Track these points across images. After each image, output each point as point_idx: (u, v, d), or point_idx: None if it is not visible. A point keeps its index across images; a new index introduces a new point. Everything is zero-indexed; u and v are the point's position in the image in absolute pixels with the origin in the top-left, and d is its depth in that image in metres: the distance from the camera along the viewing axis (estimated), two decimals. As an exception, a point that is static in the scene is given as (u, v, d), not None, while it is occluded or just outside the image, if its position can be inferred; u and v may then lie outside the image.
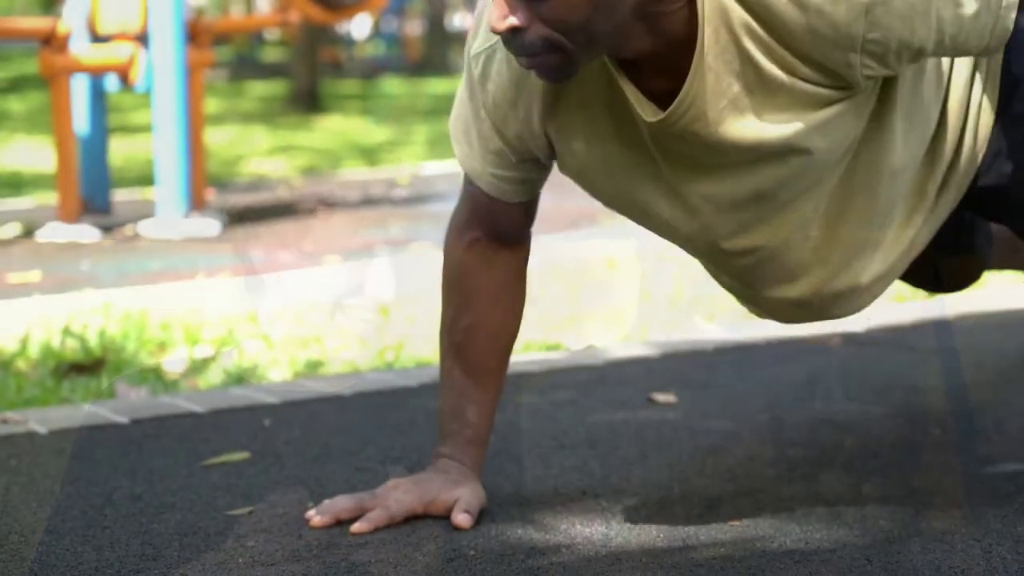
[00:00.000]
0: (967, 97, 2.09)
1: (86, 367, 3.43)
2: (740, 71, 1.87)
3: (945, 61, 2.06)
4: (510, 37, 1.83)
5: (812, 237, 2.07)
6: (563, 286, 4.51)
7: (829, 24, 1.82)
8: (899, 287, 4.21)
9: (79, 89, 6.35)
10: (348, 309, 4.18)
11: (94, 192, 6.50)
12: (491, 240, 2.19)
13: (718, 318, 3.97)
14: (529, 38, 1.83)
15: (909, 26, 1.84)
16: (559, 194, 2.21)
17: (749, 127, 1.90)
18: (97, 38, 6.42)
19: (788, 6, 1.82)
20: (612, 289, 4.48)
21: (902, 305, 3.99)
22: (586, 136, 2.01)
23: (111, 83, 6.46)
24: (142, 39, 6.33)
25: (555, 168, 2.15)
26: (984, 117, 2.10)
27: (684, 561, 1.97)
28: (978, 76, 2.09)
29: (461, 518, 2.12)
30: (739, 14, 1.84)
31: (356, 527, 2.11)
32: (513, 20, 1.82)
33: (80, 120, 6.38)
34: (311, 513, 2.16)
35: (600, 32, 1.82)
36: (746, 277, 2.16)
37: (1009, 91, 2.10)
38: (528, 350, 3.56)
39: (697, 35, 1.85)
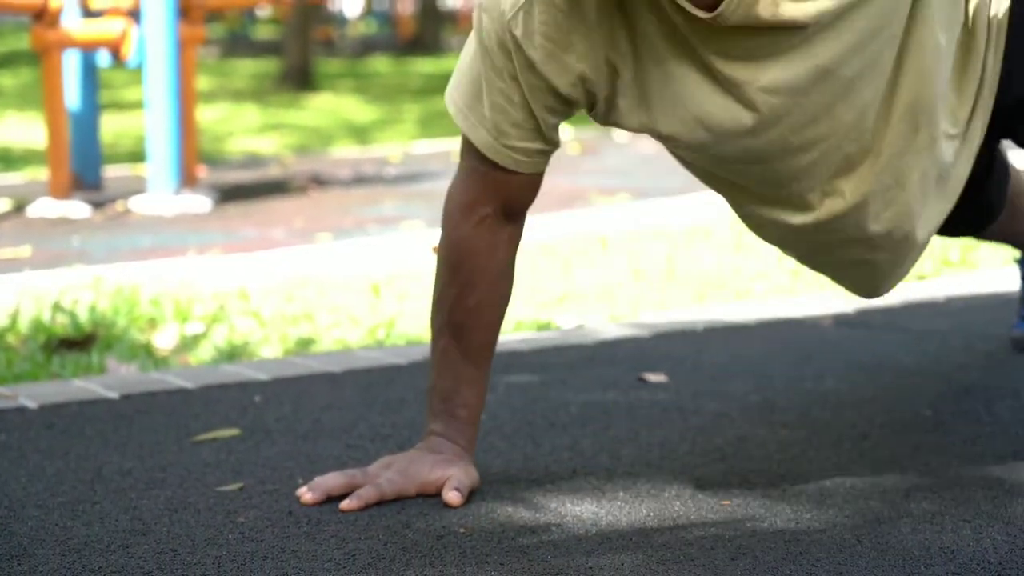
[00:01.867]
0: (987, 9, 2.10)
1: (76, 342, 3.42)
2: None
3: None
4: None
5: (869, 125, 2.06)
6: (554, 265, 4.51)
7: None
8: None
9: (70, 65, 6.34)
10: (339, 287, 4.18)
11: (85, 168, 6.49)
12: (498, 217, 2.17)
13: (709, 298, 3.97)
14: None
15: None
16: (551, 172, 2.20)
17: (801, 5, 1.90)
18: (89, 13, 6.41)
19: None
20: (603, 269, 4.48)
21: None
22: (644, 59, 1.99)
23: (103, 59, 6.44)
24: (134, 15, 6.31)
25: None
26: (1003, 32, 2.11)
27: (674, 540, 1.97)
28: None
29: (451, 495, 2.12)
30: None
31: (346, 504, 2.11)
32: None
33: (71, 96, 6.37)
34: (302, 490, 2.16)
35: None
36: (807, 184, 2.12)
37: None
38: (519, 329, 3.56)
39: None
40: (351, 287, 4.19)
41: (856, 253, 2.22)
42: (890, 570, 1.85)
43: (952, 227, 2.44)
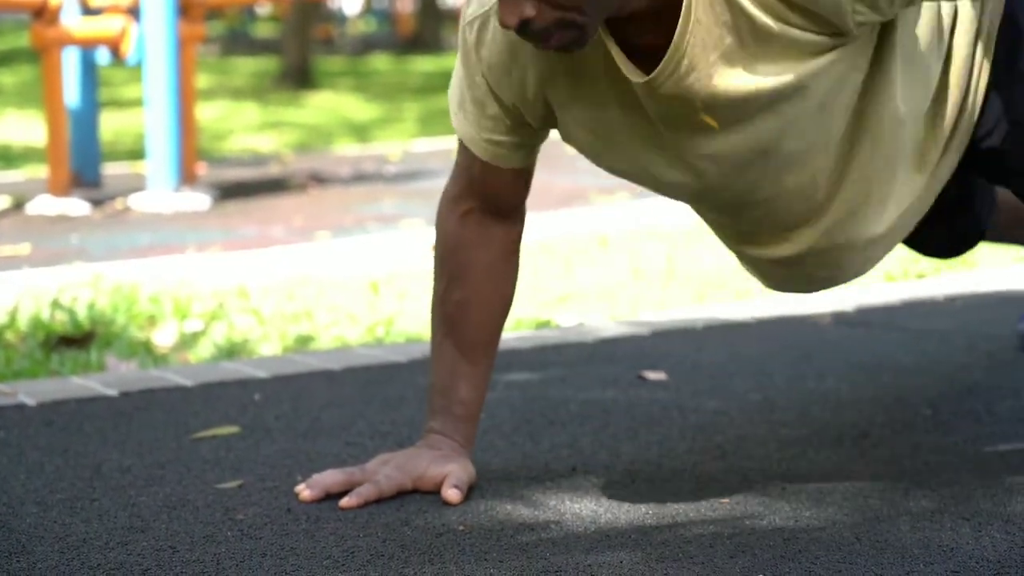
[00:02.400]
0: (970, 56, 2.08)
1: (75, 340, 3.42)
2: (732, 23, 1.85)
3: (946, 16, 2.05)
4: (522, 28, 1.82)
5: (820, 188, 2.05)
6: (554, 264, 4.51)
7: None
8: (888, 267, 4.21)
9: (70, 62, 6.34)
10: (338, 285, 4.18)
11: (84, 166, 6.49)
12: (485, 213, 2.18)
13: (709, 297, 3.97)
14: (540, 25, 1.81)
15: None
16: (550, 172, 2.21)
17: (742, 79, 1.88)
18: (88, 11, 6.40)
19: None
20: (603, 267, 4.48)
21: (893, 285, 4.00)
22: (586, 103, 2.00)
23: (102, 56, 6.44)
24: (133, 12, 6.31)
25: (545, 146, 2.15)
26: (984, 77, 2.10)
27: (673, 538, 1.97)
28: (981, 35, 2.08)
29: (450, 493, 2.12)
30: None
31: (345, 502, 2.11)
32: (524, 12, 1.79)
33: (71, 93, 6.36)
34: (300, 487, 2.16)
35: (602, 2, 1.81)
36: (754, 231, 2.15)
37: (1010, 49, 2.08)
38: (519, 327, 3.56)
39: None
40: (350, 285, 4.19)
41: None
42: (889, 568, 1.85)
43: (932, 250, 2.45)
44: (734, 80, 1.88)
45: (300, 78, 14.41)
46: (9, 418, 2.61)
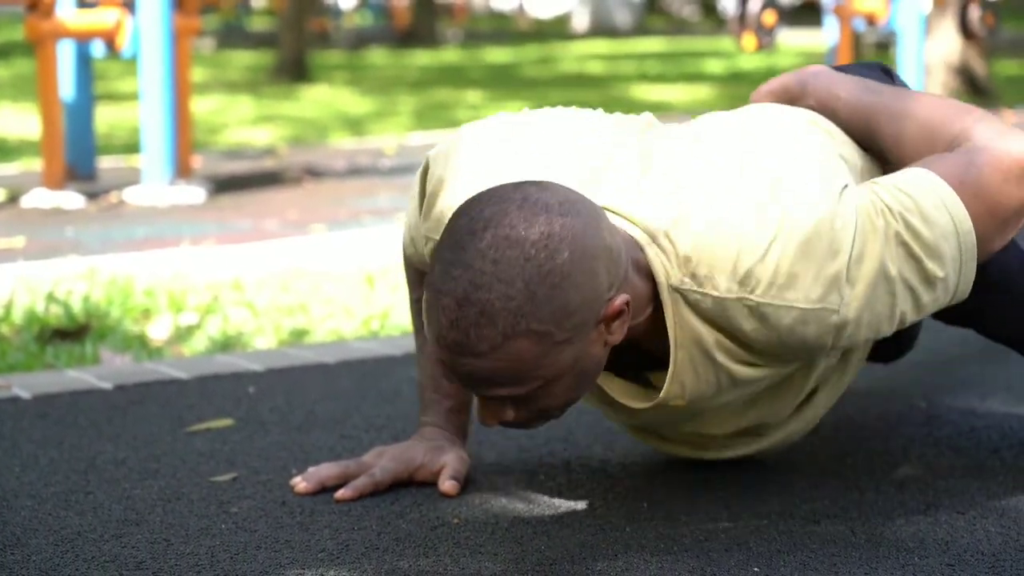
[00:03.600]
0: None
1: (70, 333, 3.42)
2: (714, 379, 1.92)
3: None
4: (503, 424, 1.85)
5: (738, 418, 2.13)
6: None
7: (799, 340, 1.87)
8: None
9: (65, 55, 6.32)
10: (333, 278, 4.18)
11: (79, 159, 6.48)
12: None
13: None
14: (518, 421, 1.85)
15: (875, 328, 1.90)
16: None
17: (710, 403, 1.98)
18: (83, 4, 6.39)
19: (757, 328, 1.86)
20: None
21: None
22: None
23: (97, 49, 6.43)
24: (128, 5, 6.29)
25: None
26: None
27: (668, 531, 1.97)
28: None
29: (448, 485, 2.12)
30: (712, 335, 1.88)
31: (340, 494, 2.11)
32: (504, 416, 1.83)
33: (66, 86, 6.35)
34: (296, 480, 2.16)
35: (581, 394, 1.85)
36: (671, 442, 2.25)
37: None
38: (513, 320, 3.56)
39: (663, 328, 1.89)
40: (346, 278, 4.19)
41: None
42: (884, 561, 1.85)
43: (876, 358, 2.51)
44: (703, 404, 1.98)
45: (295, 72, 14.39)
46: (3, 411, 2.61)
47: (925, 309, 1.93)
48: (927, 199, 1.90)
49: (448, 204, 1.97)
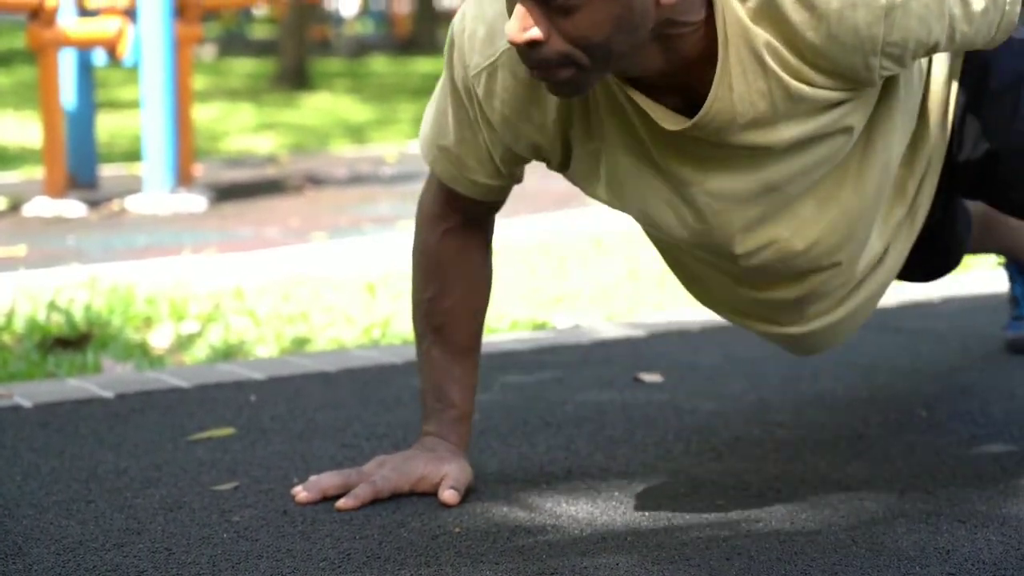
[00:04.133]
0: (946, 90, 2.10)
1: (71, 341, 3.42)
2: (767, 90, 1.86)
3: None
4: (526, 50, 1.79)
5: (814, 229, 2.06)
6: (550, 266, 4.51)
7: (850, 29, 1.81)
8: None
9: (66, 63, 6.33)
10: (334, 286, 4.18)
11: (81, 167, 6.49)
12: (466, 226, 2.20)
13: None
14: (546, 52, 1.79)
15: (926, 27, 1.84)
16: (546, 174, 2.21)
17: (766, 134, 1.90)
18: (85, 12, 6.40)
19: (806, 20, 1.81)
20: (599, 269, 4.48)
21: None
22: (598, 143, 1.99)
23: (99, 58, 6.44)
24: (130, 13, 6.31)
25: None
26: (956, 104, 2.11)
27: (669, 540, 1.97)
28: (953, 64, 2.10)
29: (448, 494, 2.12)
30: (760, 34, 1.83)
31: (342, 503, 2.11)
32: (534, 33, 1.77)
33: (67, 94, 6.36)
34: (297, 489, 2.16)
35: (618, 51, 1.79)
36: (747, 281, 2.15)
37: (981, 71, 2.09)
38: (515, 329, 3.56)
39: (715, 55, 1.84)
40: (347, 286, 4.19)
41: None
42: (885, 570, 1.85)
43: (917, 274, 2.46)
44: (760, 134, 1.90)
45: (297, 79, 14.41)
46: (5, 420, 2.61)
47: (973, 23, 1.87)
48: None
49: (490, 15, 1.96)
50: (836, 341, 2.25)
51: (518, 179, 2.14)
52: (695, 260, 2.18)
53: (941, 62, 2.09)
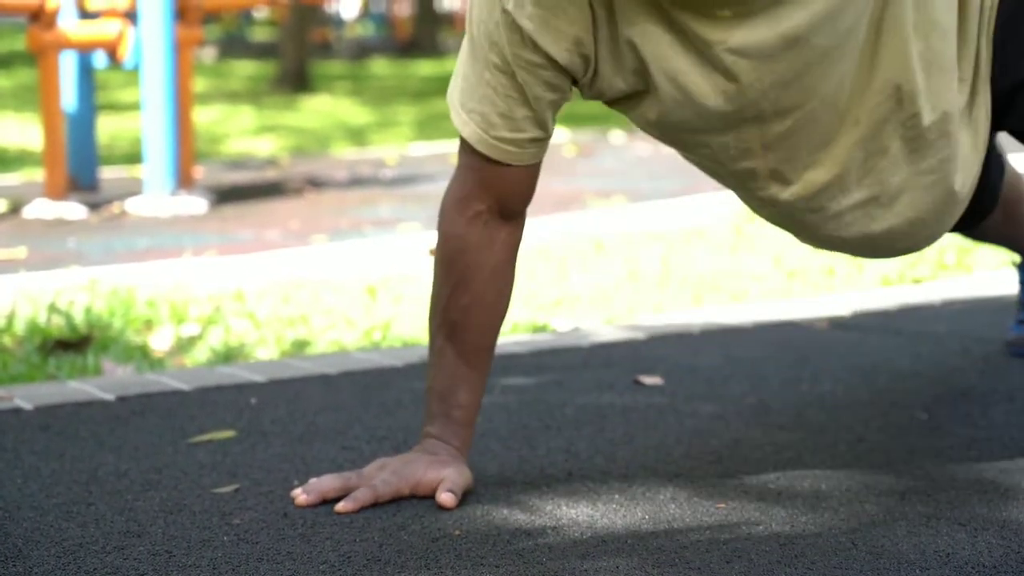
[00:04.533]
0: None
1: (72, 344, 3.42)
2: None
3: None
4: None
5: (845, 96, 2.06)
6: (550, 268, 4.51)
7: None
8: (885, 271, 4.21)
9: (67, 66, 6.33)
10: (335, 288, 4.18)
11: (81, 169, 6.49)
12: (493, 214, 2.17)
13: (705, 301, 3.97)
14: None
15: None
16: (547, 175, 2.21)
17: None
18: (85, 14, 6.40)
19: None
20: (599, 271, 4.48)
21: (889, 289, 4.00)
22: (621, 17, 2.00)
23: (99, 60, 6.44)
24: (130, 16, 6.31)
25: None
26: (993, 18, 2.12)
27: (669, 543, 1.97)
28: None
29: (445, 497, 2.12)
30: None
31: (341, 506, 2.11)
32: None
33: (68, 97, 6.36)
34: (297, 491, 2.16)
35: None
36: (784, 155, 2.14)
37: None
38: (515, 331, 3.56)
39: None
40: (347, 289, 4.19)
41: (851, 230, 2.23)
42: (885, 573, 1.85)
43: None
44: None
45: (297, 82, 14.42)
46: (5, 422, 2.61)
47: None
48: None
49: None
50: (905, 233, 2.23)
51: (547, 130, 2.11)
52: (710, 143, 2.16)
53: None
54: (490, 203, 2.16)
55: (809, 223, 2.24)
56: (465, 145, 2.13)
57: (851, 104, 2.08)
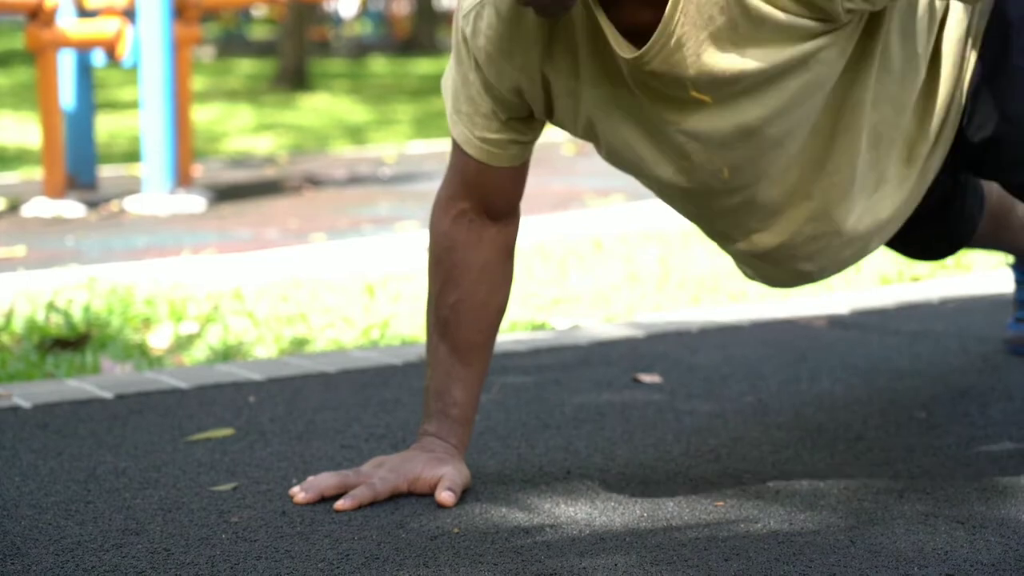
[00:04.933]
0: (960, 50, 2.09)
1: (70, 342, 3.42)
2: (724, 4, 1.86)
3: (938, 9, 2.06)
4: None
5: (797, 174, 2.07)
6: (549, 267, 4.51)
7: None
8: (883, 270, 4.21)
9: (65, 64, 6.33)
10: (333, 287, 4.18)
11: (80, 168, 6.49)
12: (478, 213, 2.18)
13: (704, 300, 3.97)
14: None
15: None
16: (546, 174, 2.21)
17: (730, 60, 1.90)
18: (84, 13, 6.40)
19: None
20: (598, 270, 4.48)
21: (887, 288, 4.00)
22: (578, 78, 2.01)
23: (98, 58, 6.44)
24: (129, 14, 6.31)
25: (541, 150, 2.14)
26: (971, 71, 2.10)
27: (668, 541, 1.97)
28: (971, 29, 2.09)
29: (444, 495, 2.12)
30: None
31: (340, 504, 2.11)
32: None
33: (66, 95, 6.36)
34: (295, 490, 2.16)
35: None
36: (732, 221, 2.16)
37: (1000, 43, 2.08)
38: (514, 330, 3.56)
39: None
40: (345, 287, 4.19)
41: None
42: (883, 571, 1.85)
43: (925, 251, 2.46)
44: (722, 60, 1.90)
45: (296, 80, 14.42)
46: (4, 420, 2.61)
47: None
48: None
49: None
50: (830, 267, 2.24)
51: (525, 135, 2.13)
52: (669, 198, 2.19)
53: (958, 22, 2.08)
54: (473, 202, 2.17)
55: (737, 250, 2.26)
56: (454, 144, 2.16)
57: (802, 181, 2.09)
